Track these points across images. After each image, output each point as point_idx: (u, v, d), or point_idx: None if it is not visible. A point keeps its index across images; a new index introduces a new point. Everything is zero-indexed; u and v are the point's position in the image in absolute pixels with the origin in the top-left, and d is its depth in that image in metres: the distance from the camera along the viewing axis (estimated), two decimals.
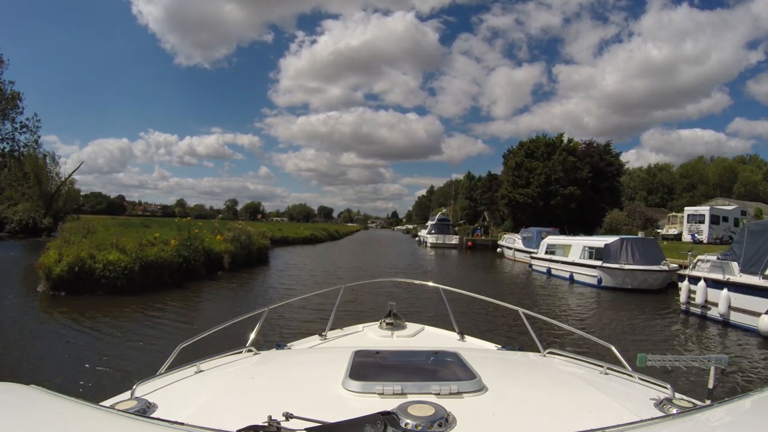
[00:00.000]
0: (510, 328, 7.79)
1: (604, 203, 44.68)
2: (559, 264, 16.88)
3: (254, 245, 19.44)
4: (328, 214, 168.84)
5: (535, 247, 22.01)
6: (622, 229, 39.41)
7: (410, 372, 1.47)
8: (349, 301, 8.96)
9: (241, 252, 17.99)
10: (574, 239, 17.14)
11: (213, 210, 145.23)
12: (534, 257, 19.38)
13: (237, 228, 18.86)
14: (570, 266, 15.95)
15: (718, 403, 1.06)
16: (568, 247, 16.61)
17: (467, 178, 73.75)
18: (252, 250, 19.05)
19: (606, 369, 1.62)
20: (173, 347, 1.81)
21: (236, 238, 18.23)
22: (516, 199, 40.52)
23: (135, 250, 12.46)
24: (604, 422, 1.00)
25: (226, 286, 13.55)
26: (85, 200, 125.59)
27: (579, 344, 6.22)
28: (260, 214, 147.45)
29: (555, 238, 18.72)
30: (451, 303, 2.88)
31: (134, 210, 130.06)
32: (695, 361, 1.42)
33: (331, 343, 2.36)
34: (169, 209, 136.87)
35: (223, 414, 1.15)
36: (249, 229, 19.74)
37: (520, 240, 24.67)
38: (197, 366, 1.63)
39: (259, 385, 1.45)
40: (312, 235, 39.42)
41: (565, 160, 40.64)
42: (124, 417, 1.02)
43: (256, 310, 2.31)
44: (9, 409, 0.97)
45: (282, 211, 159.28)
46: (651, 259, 13.92)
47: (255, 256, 19.45)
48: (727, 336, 8.59)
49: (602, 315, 10.99)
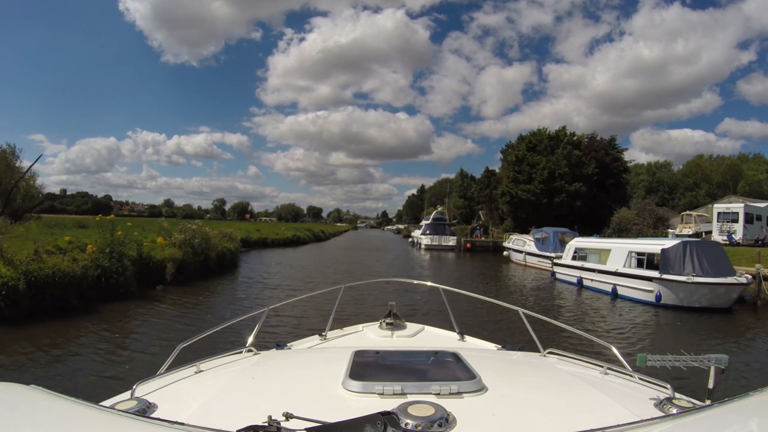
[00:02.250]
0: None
1: (610, 201, 41.76)
2: (595, 274, 13.45)
3: (213, 250, 15.86)
4: (317, 214, 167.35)
5: (553, 251, 18.76)
6: (633, 229, 36.62)
7: (410, 372, 1.45)
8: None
9: (193, 259, 14.41)
10: (613, 242, 13.81)
11: (201, 210, 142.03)
12: (558, 264, 15.89)
13: (190, 229, 15.26)
14: (612, 277, 12.58)
15: (718, 403, 1.06)
16: (606, 252, 13.26)
17: (460, 176, 70.65)
18: (210, 257, 15.46)
19: (606, 369, 1.61)
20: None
21: (188, 242, 14.66)
22: (518, 196, 37.17)
23: (27, 260, 8.90)
24: (604, 422, 0.98)
25: (156, 308, 9.88)
26: (70, 200, 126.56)
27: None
28: (248, 213, 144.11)
29: (585, 241, 15.24)
30: (451, 303, 2.86)
31: (121, 210, 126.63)
32: (695, 361, 1.40)
33: (331, 343, 2.35)
34: (157, 209, 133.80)
35: (223, 414, 1.15)
36: (207, 230, 16.13)
37: (532, 242, 21.17)
38: (197, 366, 1.62)
39: (259, 385, 1.45)
40: (294, 236, 35.51)
41: (570, 154, 37.50)
42: (124, 417, 1.02)
43: (256, 310, 2.36)
44: (9, 409, 0.98)
45: (271, 211, 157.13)
46: (720, 269, 10.66)
47: (214, 264, 15.87)
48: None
49: (678, 347, 7.61)
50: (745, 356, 7.39)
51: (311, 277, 16.73)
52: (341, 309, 2.78)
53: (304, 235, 38.03)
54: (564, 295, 13.55)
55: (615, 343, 8.75)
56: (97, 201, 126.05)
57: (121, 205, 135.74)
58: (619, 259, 12.68)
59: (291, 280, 15.68)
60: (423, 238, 36.47)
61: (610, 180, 41.88)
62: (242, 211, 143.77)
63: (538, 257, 19.91)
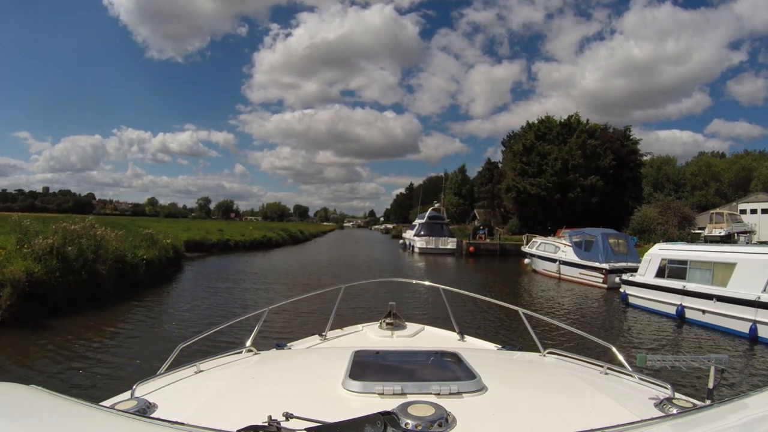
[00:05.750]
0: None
1: (626, 198, 37.12)
2: (711, 302, 8.30)
3: (106, 262, 10.40)
4: (303, 213, 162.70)
5: (604, 260, 13.68)
6: (657, 230, 32.01)
7: (410, 372, 1.44)
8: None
9: (64, 278, 9.00)
10: (735, 251, 8.73)
11: (186, 209, 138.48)
12: (632, 282, 10.83)
13: (67, 229, 9.83)
14: (747, 309, 7.52)
15: (718, 403, 1.05)
16: (726, 268, 8.20)
17: (460, 171, 65.92)
18: (97, 272, 10.01)
19: (606, 369, 1.59)
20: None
21: (58, 250, 9.24)
22: (526, 191, 32.12)
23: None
24: (604, 422, 0.98)
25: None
26: (51, 198, 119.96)
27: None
28: (233, 212, 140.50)
29: (683, 249, 9.93)
30: (451, 303, 2.82)
31: (104, 209, 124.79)
32: (695, 361, 1.38)
33: (331, 343, 2.32)
34: (140, 208, 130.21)
35: (223, 414, 1.14)
36: (101, 232, 10.67)
37: (569, 247, 15.94)
38: (197, 366, 1.60)
39: (258, 385, 1.45)
40: (264, 238, 29.99)
41: (584, 144, 32.63)
42: (124, 417, 1.02)
43: (256, 310, 2.31)
44: (9, 409, 0.97)
45: (256, 210, 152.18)
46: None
47: (113, 282, 10.46)
48: None
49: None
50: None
51: (278, 291, 11.37)
52: (341, 309, 2.69)
53: (276, 236, 32.39)
54: (663, 333, 8.47)
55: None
56: (78, 199, 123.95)
57: (104, 204, 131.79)
58: (753, 279, 7.65)
59: (251, 301, 10.33)
60: (417, 240, 31.14)
61: (626, 173, 37.23)
62: (227, 210, 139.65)
63: (582, 268, 14.78)
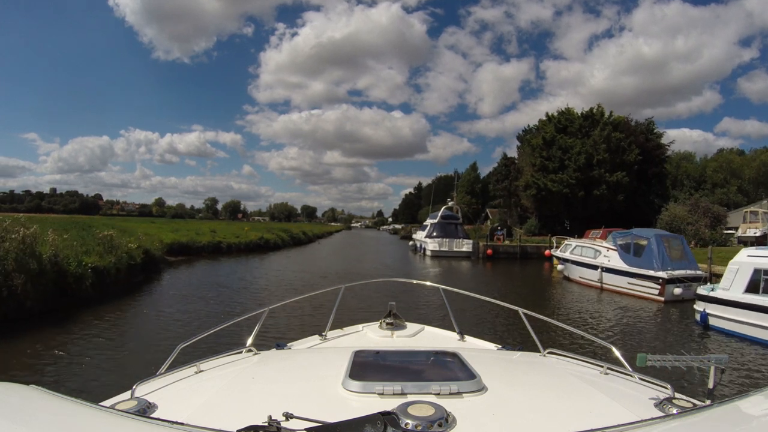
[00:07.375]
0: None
1: (652, 195, 34.29)
2: None
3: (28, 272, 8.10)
4: (311, 213, 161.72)
5: (660, 267, 11.16)
6: (687, 230, 29.23)
7: (410, 372, 1.45)
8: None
9: None
10: None
11: (193, 209, 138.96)
12: (719, 300, 8.13)
13: None
14: None
15: (718, 403, 1.05)
16: None
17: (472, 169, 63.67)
18: (17, 286, 7.71)
19: (606, 369, 1.59)
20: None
21: None
22: (547, 188, 29.47)
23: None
24: (604, 422, 0.98)
25: None
26: (58, 199, 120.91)
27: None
28: (241, 213, 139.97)
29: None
30: (451, 303, 2.83)
31: (111, 209, 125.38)
32: (695, 361, 1.37)
33: (331, 343, 2.32)
34: (147, 208, 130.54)
35: (223, 414, 1.14)
36: (24, 231, 8.39)
37: (614, 251, 13.31)
38: (197, 366, 1.60)
39: (259, 385, 1.44)
40: (261, 240, 27.75)
41: (609, 137, 29.92)
42: (124, 417, 1.02)
43: (256, 310, 2.28)
44: (9, 409, 0.97)
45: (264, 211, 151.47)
46: None
47: (26, 301, 8.16)
48: None
49: None
50: None
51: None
52: (341, 309, 2.69)
53: (275, 237, 30.07)
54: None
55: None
56: (84, 200, 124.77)
57: (111, 205, 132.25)
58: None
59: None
60: (429, 242, 28.59)
61: (653, 169, 34.40)
62: (234, 211, 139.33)
63: (631, 277, 12.23)
